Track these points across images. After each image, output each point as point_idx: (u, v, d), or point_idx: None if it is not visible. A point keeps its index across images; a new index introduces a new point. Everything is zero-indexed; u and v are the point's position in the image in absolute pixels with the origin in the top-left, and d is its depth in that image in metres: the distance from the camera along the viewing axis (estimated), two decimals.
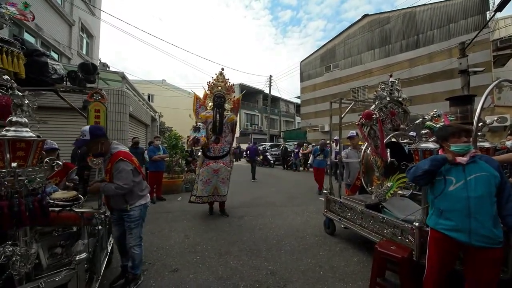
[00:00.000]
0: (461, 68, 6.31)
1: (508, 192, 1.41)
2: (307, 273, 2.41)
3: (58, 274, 1.43)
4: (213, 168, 4.02)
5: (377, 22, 14.10)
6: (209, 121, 4.05)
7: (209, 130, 4.04)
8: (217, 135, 4.05)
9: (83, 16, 9.48)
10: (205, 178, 4.02)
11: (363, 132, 2.84)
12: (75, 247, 1.49)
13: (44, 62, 2.02)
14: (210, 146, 4.03)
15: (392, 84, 3.40)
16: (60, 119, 5.73)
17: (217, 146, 4.08)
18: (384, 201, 2.72)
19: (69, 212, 1.63)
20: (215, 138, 4.06)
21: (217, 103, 4.07)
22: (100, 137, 1.93)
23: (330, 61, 16.58)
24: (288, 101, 31.31)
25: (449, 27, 11.60)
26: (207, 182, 4.03)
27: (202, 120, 4.05)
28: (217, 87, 4.19)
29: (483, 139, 2.47)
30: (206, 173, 4.02)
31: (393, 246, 2.11)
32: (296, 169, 12.37)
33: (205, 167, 4.03)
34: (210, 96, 4.21)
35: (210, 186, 4.07)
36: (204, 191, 4.07)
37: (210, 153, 4.06)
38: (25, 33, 6.45)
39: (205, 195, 4.07)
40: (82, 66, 2.14)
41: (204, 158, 4.08)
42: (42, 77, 1.95)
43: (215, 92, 4.15)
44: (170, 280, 2.29)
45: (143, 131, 9.94)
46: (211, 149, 4.06)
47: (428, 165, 1.56)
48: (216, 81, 4.22)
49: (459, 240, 1.45)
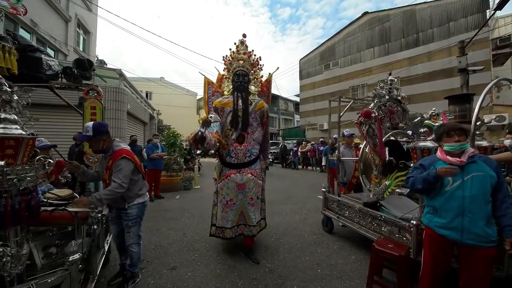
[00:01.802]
0: (460, 66, 6.31)
1: (504, 193, 1.42)
2: (305, 271, 2.41)
3: (50, 275, 1.40)
4: (237, 182, 2.57)
5: (377, 20, 14.04)
6: (228, 110, 2.67)
7: (227, 124, 2.66)
8: (241, 130, 2.64)
9: (80, 12, 9.35)
10: (226, 197, 2.61)
11: (361, 131, 2.83)
12: (68, 247, 1.45)
13: (38, 57, 1.96)
14: (231, 147, 2.63)
15: (391, 82, 3.39)
16: (57, 116, 5.69)
17: (241, 147, 2.63)
18: (382, 200, 2.72)
19: (62, 211, 1.58)
20: (238, 136, 2.64)
21: (238, 84, 2.71)
22: (103, 134, 1.91)
23: (330, 59, 16.52)
24: (287, 99, 31.26)
25: (449, 26, 11.58)
26: (229, 204, 2.60)
27: (217, 107, 2.73)
28: (238, 61, 2.81)
29: (481, 138, 2.47)
30: (226, 190, 2.60)
31: (391, 244, 2.12)
32: (295, 168, 12.39)
33: (224, 180, 2.62)
34: (228, 77, 2.90)
35: (234, 210, 2.63)
36: (226, 219, 2.61)
37: (231, 159, 2.62)
38: (20, 29, 6.35)
39: (227, 226, 2.61)
40: (77, 62, 2.09)
41: (223, 167, 2.70)
42: (36, 73, 1.89)
43: (235, 69, 2.80)
44: (168, 278, 2.29)
45: (141, 129, 9.89)
46: (232, 152, 2.62)
47: (421, 185, 1.56)
48: (237, 53, 2.84)
49: (451, 238, 1.47)
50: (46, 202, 1.69)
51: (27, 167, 1.32)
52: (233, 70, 2.82)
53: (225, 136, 2.67)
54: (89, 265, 1.82)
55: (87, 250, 1.78)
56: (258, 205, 2.74)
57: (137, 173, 2.04)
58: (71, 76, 2.07)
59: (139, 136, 8.37)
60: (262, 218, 2.88)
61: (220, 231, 2.67)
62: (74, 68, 2.11)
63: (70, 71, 2.09)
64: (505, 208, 1.40)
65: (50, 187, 2.05)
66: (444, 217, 1.49)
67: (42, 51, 2.06)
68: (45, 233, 1.62)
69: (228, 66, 2.92)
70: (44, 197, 1.75)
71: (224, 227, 2.62)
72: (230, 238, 2.66)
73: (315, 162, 11.50)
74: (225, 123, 2.68)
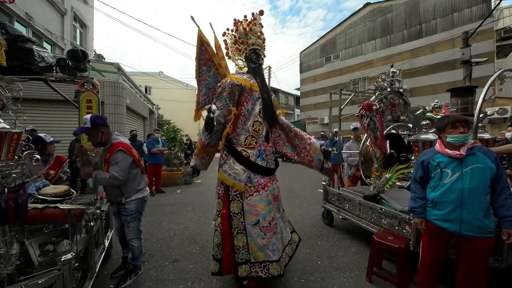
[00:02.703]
0: (463, 58, 6.19)
1: (503, 184, 1.42)
2: (305, 263, 2.44)
3: (42, 276, 1.34)
4: (273, 194, 1.98)
5: (379, 11, 13.73)
6: (256, 96, 2.02)
7: (255, 114, 2.00)
8: (270, 126, 2.15)
9: (76, 5, 9.16)
10: (267, 217, 1.84)
11: (362, 124, 2.81)
12: (60, 247, 1.37)
13: (29, 48, 1.86)
14: (261, 147, 1.98)
15: (393, 74, 3.34)
16: (55, 112, 5.65)
17: (269, 147, 2.07)
18: (383, 192, 2.73)
19: (53, 209, 1.50)
20: (266, 133, 2.07)
21: (257, 66, 2.14)
22: (100, 126, 1.89)
23: (331, 52, 16.27)
24: (287, 93, 30.98)
25: (452, 16, 11.32)
26: (272, 226, 1.84)
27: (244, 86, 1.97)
28: (257, 37, 2.17)
29: (483, 131, 2.45)
30: (265, 207, 1.85)
31: (390, 236, 2.14)
32: (295, 162, 12.42)
33: (258, 192, 1.87)
34: (239, 49, 2.17)
35: (278, 234, 1.90)
36: (272, 248, 1.80)
37: (263, 162, 1.96)
38: (16, 22, 6.23)
39: (272, 258, 1.78)
40: (71, 53, 2.01)
41: (250, 173, 1.90)
42: (27, 65, 1.81)
43: (253, 45, 2.15)
44: (170, 271, 2.32)
45: (141, 124, 9.86)
46: (263, 154, 1.98)
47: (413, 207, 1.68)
48: (255, 26, 2.15)
49: (449, 230, 1.49)
50: (39, 200, 1.63)
51: (11, 163, 1.23)
52: (251, 45, 2.15)
53: (253, 130, 1.97)
54: (87, 263, 1.78)
55: (84, 248, 1.74)
56: (287, 221, 2.23)
57: (135, 167, 2.02)
58: (65, 68, 1.99)
59: (139, 131, 8.35)
60: (292, 231, 2.23)
61: (261, 268, 1.75)
62: (68, 59, 2.03)
63: (64, 62, 2.00)
64: (503, 200, 1.41)
65: (46, 183, 1.97)
66: (443, 209, 1.50)
67: (33, 42, 1.95)
68: (41, 230, 1.55)
69: (242, 36, 2.15)
70: (39, 194, 1.69)
71: (268, 261, 1.75)
72: (278, 276, 1.78)
73: None
74: (252, 112, 1.99)
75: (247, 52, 2.17)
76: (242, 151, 1.93)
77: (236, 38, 2.19)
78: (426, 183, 1.63)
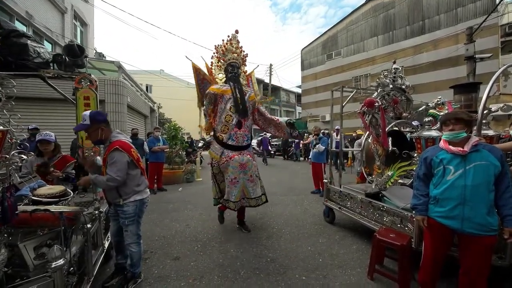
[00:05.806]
0: (467, 54, 6.11)
1: (507, 183, 1.41)
2: (307, 261, 2.44)
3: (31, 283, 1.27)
4: (239, 162, 2.93)
5: (381, 6, 13.54)
6: (227, 97, 3.01)
7: (227, 110, 3.00)
8: (242, 117, 3.03)
9: (76, 3, 9.13)
10: (231, 176, 2.93)
11: (364, 121, 2.79)
12: (50, 253, 1.26)
13: (24, 43, 1.77)
14: (232, 131, 2.99)
15: (395, 71, 3.30)
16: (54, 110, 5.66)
17: (240, 131, 3.02)
18: (385, 190, 2.71)
19: (44, 212, 1.38)
20: (237, 122, 3.02)
21: (233, 75, 3.11)
22: (100, 123, 1.81)
23: (332, 49, 16.13)
24: (288, 91, 30.83)
25: (456, 11, 11.14)
26: (234, 182, 2.93)
27: (216, 93, 3.01)
28: (232, 53, 3.20)
29: (487, 127, 2.42)
30: (231, 170, 2.93)
31: (392, 233, 2.13)
32: (296, 159, 12.38)
33: (227, 161, 2.94)
34: (220, 66, 3.28)
35: (238, 187, 2.94)
36: (231, 194, 2.94)
37: (233, 142, 2.99)
38: (16, 21, 6.23)
39: (231, 199, 2.94)
40: (67, 48, 1.95)
41: (223, 149, 3.00)
42: (21, 60, 1.73)
43: (229, 60, 3.19)
44: (172, 268, 2.33)
45: (142, 122, 9.88)
46: (233, 136, 2.99)
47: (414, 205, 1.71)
48: (230, 46, 3.21)
49: (452, 227, 1.48)
50: (29, 201, 1.54)
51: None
52: (227, 61, 3.20)
53: (225, 121, 3.01)
54: (83, 266, 1.69)
55: (79, 252, 1.64)
56: (257, 182, 3.11)
57: (134, 168, 1.91)
58: (62, 63, 1.92)
59: (140, 129, 8.37)
60: (262, 194, 3.19)
61: (225, 202, 3.03)
62: (64, 55, 1.97)
63: (61, 58, 1.93)
64: (507, 198, 1.39)
65: (41, 183, 1.84)
66: (445, 206, 1.49)
67: (28, 37, 1.86)
68: (36, 232, 1.45)
69: (221, 55, 3.25)
70: (33, 195, 1.60)
71: (229, 200, 2.98)
72: (232, 209, 3.05)
73: None
74: (225, 109, 3.01)
75: (225, 66, 3.22)
76: (219, 135, 3.04)
77: (219, 59, 3.28)
78: (429, 180, 1.62)
